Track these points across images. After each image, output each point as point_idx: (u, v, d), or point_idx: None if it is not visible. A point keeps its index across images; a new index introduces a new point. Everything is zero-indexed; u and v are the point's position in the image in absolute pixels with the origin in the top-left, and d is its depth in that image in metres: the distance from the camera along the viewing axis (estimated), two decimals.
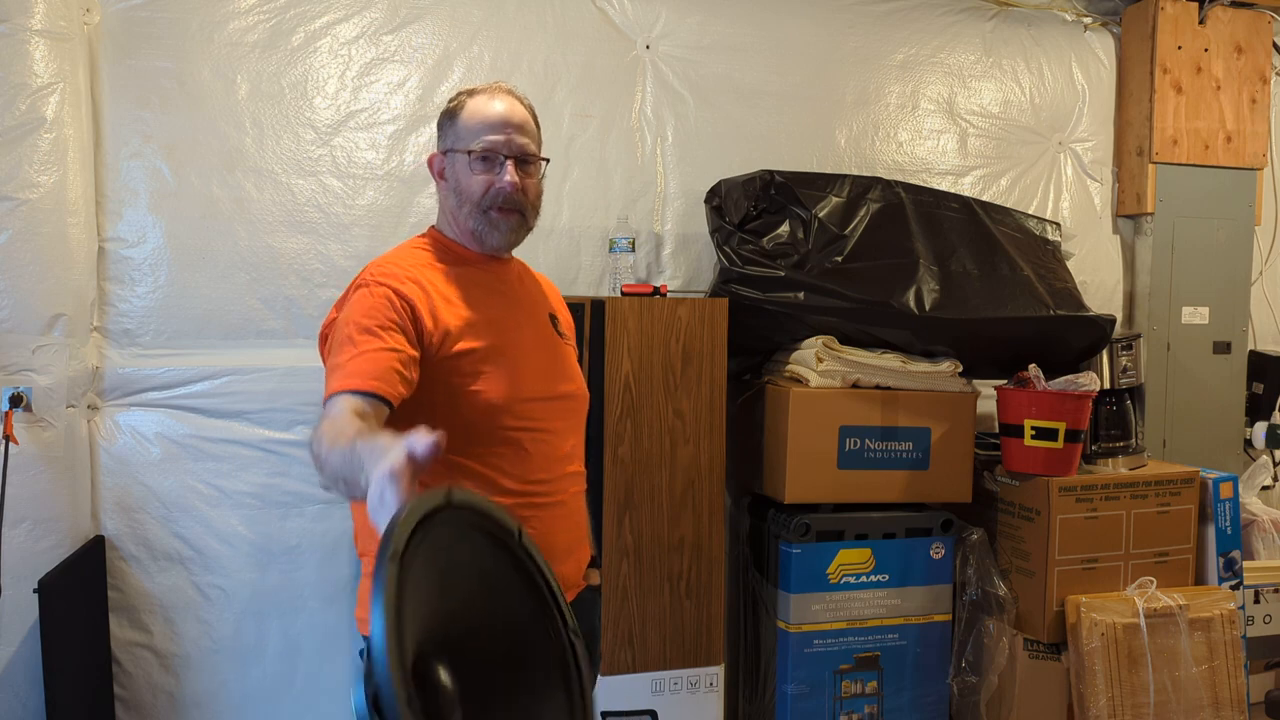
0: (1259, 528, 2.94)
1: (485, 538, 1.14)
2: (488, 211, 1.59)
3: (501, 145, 1.58)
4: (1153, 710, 2.50)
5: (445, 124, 1.64)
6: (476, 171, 1.58)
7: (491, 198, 1.58)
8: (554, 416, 1.61)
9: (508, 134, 1.59)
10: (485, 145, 1.57)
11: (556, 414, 1.62)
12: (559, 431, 1.62)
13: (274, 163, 2.54)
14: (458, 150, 1.60)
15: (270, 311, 2.54)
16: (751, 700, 2.78)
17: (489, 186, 1.58)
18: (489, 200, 1.58)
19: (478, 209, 1.59)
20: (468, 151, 1.58)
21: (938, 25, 3.16)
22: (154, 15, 2.44)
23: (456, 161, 1.60)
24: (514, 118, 1.60)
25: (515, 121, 1.60)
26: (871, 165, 3.08)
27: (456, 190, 1.61)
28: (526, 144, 1.61)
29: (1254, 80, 3.35)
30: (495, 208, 1.59)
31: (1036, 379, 2.58)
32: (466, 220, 1.61)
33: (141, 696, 2.46)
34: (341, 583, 2.60)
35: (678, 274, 2.91)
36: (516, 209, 1.60)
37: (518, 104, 1.63)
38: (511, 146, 1.59)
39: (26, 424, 2.28)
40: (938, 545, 2.64)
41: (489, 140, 1.58)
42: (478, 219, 1.60)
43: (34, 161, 2.27)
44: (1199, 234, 3.32)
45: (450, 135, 1.62)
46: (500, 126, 1.58)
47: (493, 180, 1.58)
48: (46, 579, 2.11)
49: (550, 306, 1.74)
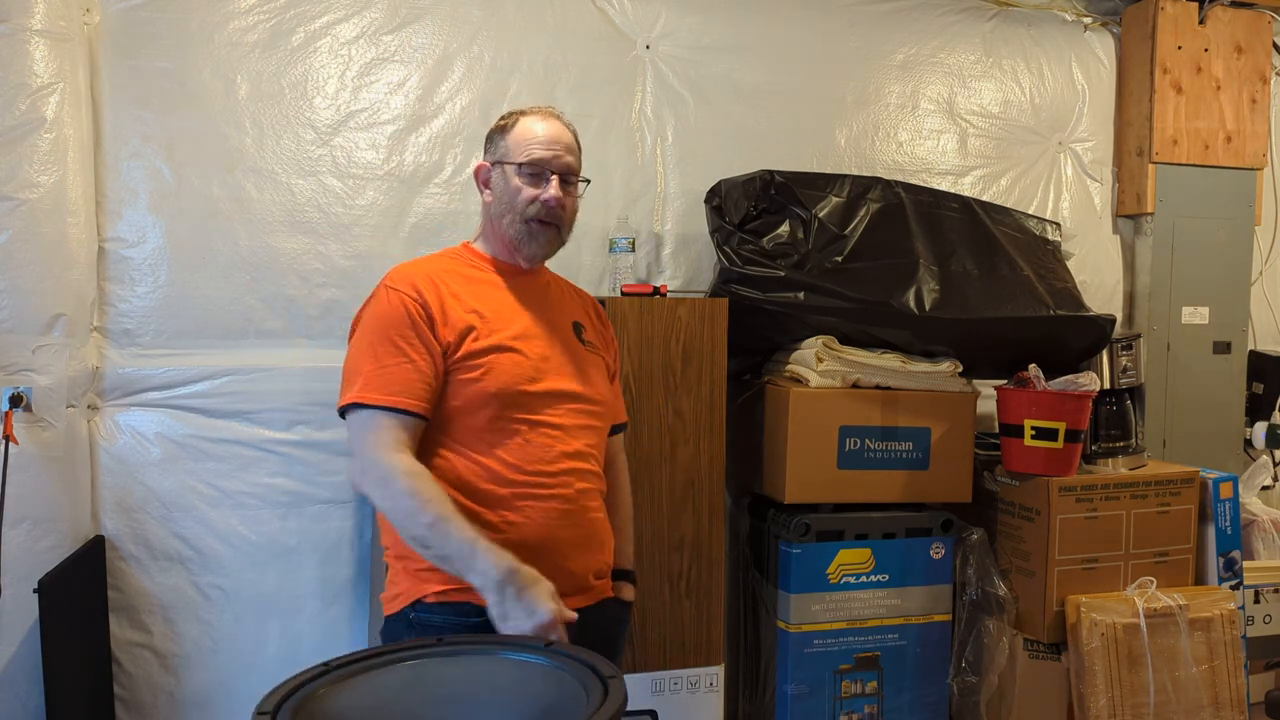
0: (1259, 528, 2.94)
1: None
2: (529, 222, 1.72)
3: (549, 161, 1.71)
4: (1153, 710, 2.50)
5: (496, 138, 1.77)
6: (523, 184, 1.71)
7: (535, 209, 1.71)
8: (560, 414, 1.68)
9: (555, 151, 1.72)
10: (534, 159, 1.71)
11: (563, 412, 1.69)
12: (567, 429, 1.69)
13: (274, 163, 2.54)
14: (507, 162, 1.72)
15: (270, 311, 2.54)
16: (751, 700, 2.78)
17: (533, 198, 1.70)
18: (532, 211, 1.71)
19: (520, 219, 1.71)
20: (517, 164, 1.71)
21: (938, 25, 3.16)
22: (154, 15, 2.44)
23: (505, 172, 1.73)
24: (562, 138, 1.75)
25: (563, 141, 1.75)
26: (871, 165, 3.08)
27: (500, 199, 1.73)
28: (571, 163, 1.75)
29: (1254, 80, 3.35)
30: (537, 219, 1.72)
31: (1036, 379, 2.58)
32: (508, 229, 1.73)
33: (141, 696, 2.46)
34: (341, 583, 2.60)
35: (678, 274, 2.91)
36: (555, 223, 1.74)
37: (565, 128, 1.77)
38: (557, 163, 1.72)
39: (26, 424, 2.28)
40: (938, 545, 2.64)
41: (538, 155, 1.71)
42: (518, 228, 1.72)
43: (34, 161, 2.27)
44: (1199, 234, 3.32)
45: (500, 148, 1.75)
46: (549, 144, 1.72)
47: (537, 193, 1.70)
48: (46, 579, 2.11)
49: (578, 316, 1.84)
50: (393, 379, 1.58)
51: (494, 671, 1.32)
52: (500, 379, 1.63)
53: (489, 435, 1.62)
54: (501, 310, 1.70)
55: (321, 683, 1.23)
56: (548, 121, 1.75)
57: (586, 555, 1.71)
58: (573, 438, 1.69)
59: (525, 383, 1.65)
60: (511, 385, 1.63)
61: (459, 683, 1.31)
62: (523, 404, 1.64)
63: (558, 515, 1.65)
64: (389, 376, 1.58)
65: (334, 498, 2.58)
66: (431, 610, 1.60)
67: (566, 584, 1.60)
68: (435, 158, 2.67)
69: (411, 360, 1.59)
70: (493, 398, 1.62)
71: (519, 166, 1.70)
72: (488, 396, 1.62)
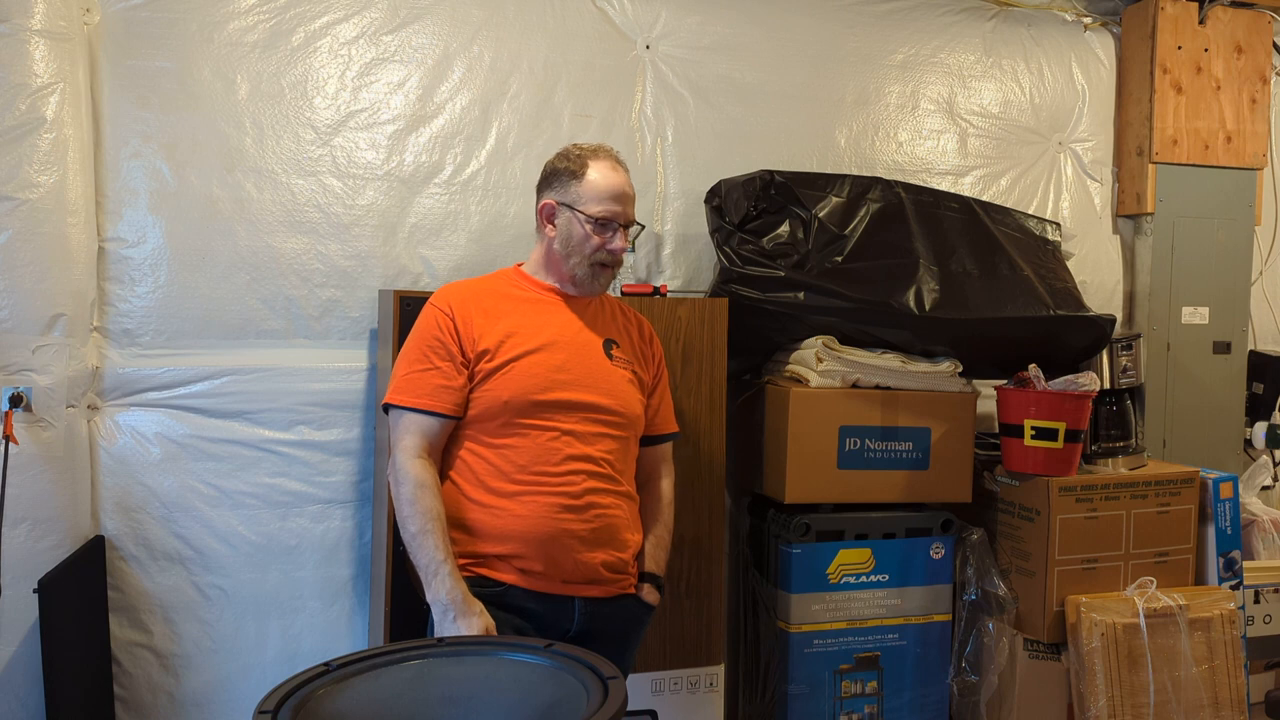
0: (1259, 528, 2.94)
1: None
2: (594, 266, 1.90)
3: (620, 216, 1.89)
4: (1153, 710, 2.50)
5: (565, 180, 1.90)
6: (593, 233, 1.87)
7: (603, 256, 1.89)
8: (575, 421, 1.85)
9: (624, 205, 1.90)
10: (606, 213, 1.87)
11: (578, 420, 1.85)
12: (580, 435, 1.85)
13: (274, 163, 2.54)
14: (578, 209, 1.88)
15: (270, 311, 2.54)
16: (751, 700, 2.78)
17: (601, 246, 1.88)
18: (600, 258, 1.89)
19: (587, 261, 1.89)
20: (589, 215, 1.87)
21: (938, 25, 3.16)
22: (154, 15, 2.44)
23: (576, 218, 1.88)
24: (629, 191, 1.92)
25: (630, 194, 1.92)
26: (871, 165, 3.08)
27: (567, 241, 1.89)
28: (633, 215, 1.93)
29: (1254, 80, 3.35)
30: (601, 264, 1.90)
31: (1036, 379, 2.58)
32: (574, 269, 1.91)
33: (141, 696, 2.46)
34: (341, 583, 2.60)
35: (678, 274, 2.91)
36: (616, 266, 1.94)
37: (628, 177, 1.93)
38: (625, 217, 1.90)
39: (26, 424, 2.28)
40: (938, 545, 2.64)
41: (611, 209, 1.88)
42: (584, 270, 1.90)
43: (34, 161, 2.27)
44: (1199, 234, 3.32)
45: (571, 192, 1.89)
46: (619, 198, 1.89)
47: (604, 242, 1.88)
48: (46, 579, 2.11)
49: (613, 334, 1.98)
50: (418, 384, 1.82)
51: (494, 672, 1.32)
52: (513, 388, 1.82)
53: (502, 437, 1.82)
54: (533, 327, 1.88)
55: (322, 682, 1.24)
56: (617, 174, 1.90)
57: (596, 549, 1.85)
58: (586, 444, 1.85)
59: (537, 393, 1.82)
60: (522, 395, 1.82)
61: (459, 683, 1.31)
62: (533, 412, 1.82)
63: (561, 510, 1.82)
64: (416, 381, 1.82)
65: (334, 498, 2.58)
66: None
67: (578, 574, 1.83)
68: (435, 158, 2.67)
69: (437, 368, 1.81)
70: (505, 405, 1.81)
71: (592, 218, 1.87)
72: (501, 404, 1.81)
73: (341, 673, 1.27)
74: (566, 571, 1.82)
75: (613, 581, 1.89)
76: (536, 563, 1.81)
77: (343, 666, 1.28)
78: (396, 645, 1.38)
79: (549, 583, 1.82)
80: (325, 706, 1.21)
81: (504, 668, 1.33)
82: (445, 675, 1.32)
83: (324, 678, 1.25)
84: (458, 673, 1.32)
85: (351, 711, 1.23)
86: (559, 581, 1.83)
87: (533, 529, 1.80)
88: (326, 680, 1.24)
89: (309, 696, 1.20)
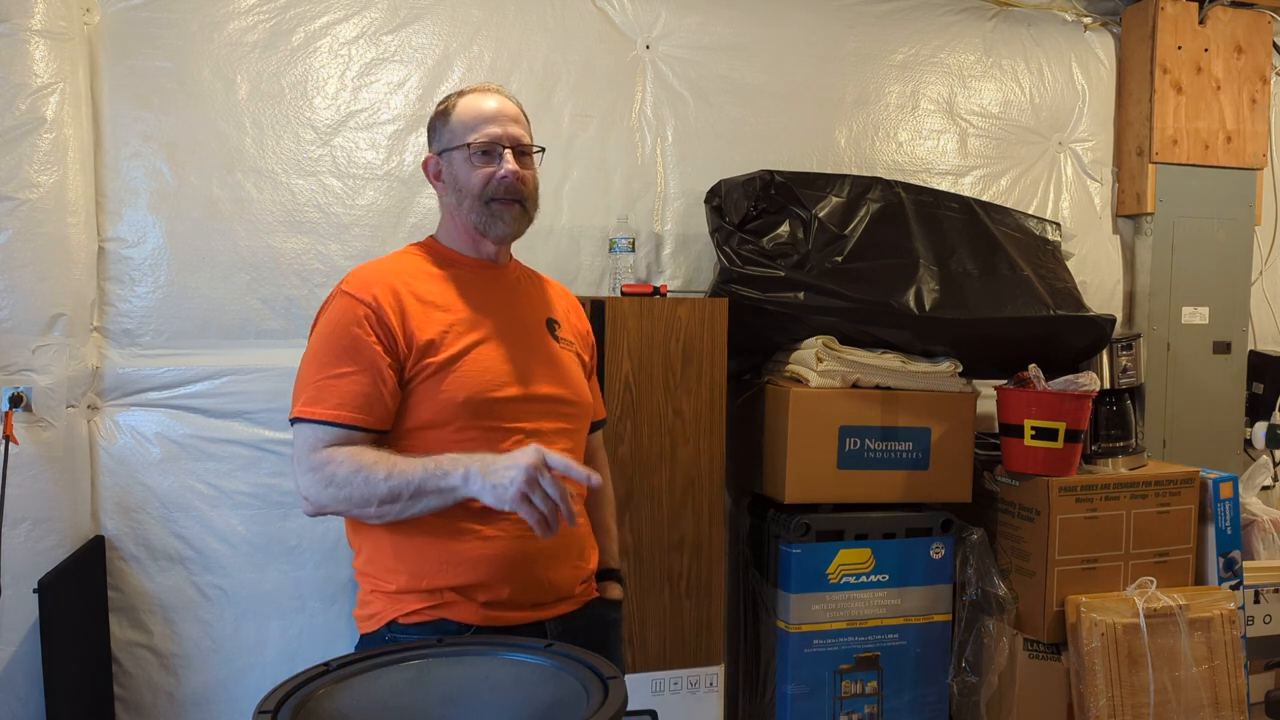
0: (1259, 528, 2.94)
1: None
2: (490, 203, 1.61)
3: (500, 136, 1.61)
4: (1153, 710, 2.50)
5: (438, 126, 1.67)
6: (476, 165, 1.60)
7: (493, 188, 1.60)
8: (534, 417, 1.59)
9: (504, 125, 1.62)
10: (483, 137, 1.60)
11: (537, 415, 1.60)
12: (543, 434, 1.57)
13: (274, 163, 2.54)
14: (454, 147, 1.62)
15: (270, 311, 2.54)
16: (751, 700, 2.78)
17: (490, 178, 1.60)
18: (490, 191, 1.60)
19: (479, 201, 1.61)
20: (466, 145, 1.60)
21: (938, 25, 3.16)
22: (154, 15, 2.44)
23: (454, 159, 1.62)
24: (507, 110, 1.64)
25: (509, 113, 1.64)
26: (871, 165, 3.08)
27: (456, 188, 1.63)
28: (522, 134, 1.65)
29: (1254, 80, 3.35)
30: (497, 198, 1.60)
31: (1036, 379, 2.58)
32: (468, 215, 1.62)
33: (141, 696, 2.47)
34: (341, 583, 2.60)
35: (678, 274, 2.91)
36: (517, 199, 1.62)
37: (507, 99, 1.66)
38: (509, 137, 1.62)
39: (26, 424, 2.28)
40: (938, 545, 2.64)
41: (487, 132, 1.60)
42: (479, 212, 1.61)
43: (34, 161, 2.27)
44: (1199, 234, 3.32)
45: (445, 135, 1.64)
46: (496, 119, 1.62)
47: (493, 171, 1.60)
48: (46, 579, 2.11)
49: (552, 312, 1.74)
50: (338, 391, 1.49)
51: (494, 671, 1.32)
52: (468, 387, 1.53)
53: (461, 446, 1.50)
54: (469, 313, 1.59)
55: (322, 682, 1.23)
56: (487, 97, 1.64)
57: (568, 565, 1.63)
58: (550, 442, 1.54)
59: (494, 389, 1.55)
60: (480, 393, 1.54)
61: (460, 683, 1.31)
62: (493, 412, 1.54)
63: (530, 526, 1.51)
64: (331, 388, 1.50)
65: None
66: (408, 630, 1.55)
67: (549, 594, 1.58)
68: None
69: (358, 372, 1.50)
70: (461, 407, 1.52)
71: (467, 149, 1.60)
72: (456, 406, 1.52)
73: (341, 673, 1.26)
74: (536, 594, 1.56)
75: (581, 594, 1.67)
76: (503, 589, 1.53)
77: (343, 666, 1.28)
78: (396, 645, 1.38)
79: (519, 611, 1.56)
80: (325, 706, 1.21)
81: (504, 668, 1.33)
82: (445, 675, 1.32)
83: (324, 678, 1.24)
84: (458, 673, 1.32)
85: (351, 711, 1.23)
86: (528, 607, 1.57)
87: (501, 551, 1.52)
88: (326, 680, 1.24)
89: (309, 696, 1.20)
